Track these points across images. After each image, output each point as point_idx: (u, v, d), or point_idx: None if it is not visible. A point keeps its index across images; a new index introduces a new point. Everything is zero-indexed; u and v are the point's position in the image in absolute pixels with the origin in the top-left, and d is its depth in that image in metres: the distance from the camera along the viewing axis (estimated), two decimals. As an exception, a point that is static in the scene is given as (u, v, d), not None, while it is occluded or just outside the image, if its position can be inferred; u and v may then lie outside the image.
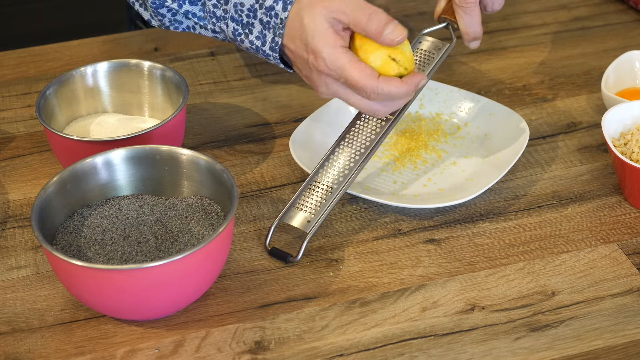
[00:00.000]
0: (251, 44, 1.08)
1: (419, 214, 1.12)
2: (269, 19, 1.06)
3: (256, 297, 1.03)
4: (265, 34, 1.07)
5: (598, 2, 1.49)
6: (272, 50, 1.07)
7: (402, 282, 1.04)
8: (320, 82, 1.05)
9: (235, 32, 1.08)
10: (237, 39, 1.09)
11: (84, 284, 0.96)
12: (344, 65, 1.02)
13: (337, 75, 1.03)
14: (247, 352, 0.97)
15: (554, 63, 1.36)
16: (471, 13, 1.12)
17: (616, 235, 1.09)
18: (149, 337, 0.99)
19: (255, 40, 1.08)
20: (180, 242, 1.02)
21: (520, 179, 1.17)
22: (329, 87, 1.05)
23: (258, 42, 1.08)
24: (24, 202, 1.15)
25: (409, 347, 0.98)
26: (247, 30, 1.07)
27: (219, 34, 1.11)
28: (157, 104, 1.22)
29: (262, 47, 1.07)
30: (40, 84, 1.34)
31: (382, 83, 1.02)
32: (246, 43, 1.09)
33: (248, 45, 1.09)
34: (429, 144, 1.21)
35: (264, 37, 1.07)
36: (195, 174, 1.07)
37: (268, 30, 1.06)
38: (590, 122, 1.25)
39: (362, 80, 1.02)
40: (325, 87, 1.05)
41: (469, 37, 1.14)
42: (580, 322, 1.00)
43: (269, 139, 1.24)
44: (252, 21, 1.07)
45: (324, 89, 1.05)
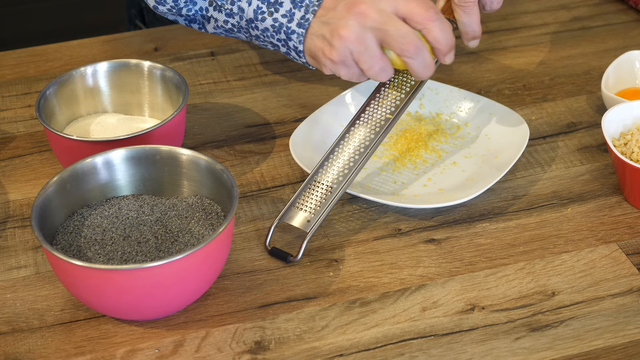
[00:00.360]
0: (275, 21, 1.08)
1: (419, 214, 1.12)
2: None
3: (256, 297, 1.03)
4: (294, 12, 1.07)
5: (598, 2, 1.49)
6: (299, 27, 1.07)
7: (402, 282, 1.04)
8: (356, 21, 1.04)
9: (258, 11, 1.08)
10: (256, 19, 1.09)
11: (84, 284, 0.96)
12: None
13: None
14: (247, 352, 0.97)
15: (554, 63, 1.36)
16: (470, 12, 1.12)
17: (616, 235, 1.09)
18: (149, 337, 0.99)
19: (281, 17, 1.08)
20: (180, 242, 1.02)
21: (520, 179, 1.17)
22: (365, 23, 1.04)
23: (284, 20, 1.07)
24: (24, 202, 1.15)
25: (409, 347, 0.98)
26: (273, 8, 1.08)
27: (232, 16, 1.11)
28: (157, 104, 1.22)
29: (288, 24, 1.07)
30: (40, 84, 1.34)
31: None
32: (267, 22, 1.08)
33: (269, 24, 1.08)
34: (429, 144, 1.21)
35: (292, 15, 1.07)
36: (195, 174, 1.07)
37: (298, 9, 1.07)
38: (590, 122, 1.25)
39: (425, 1, 1.03)
40: (359, 26, 1.04)
41: (468, 36, 1.14)
42: (580, 322, 1.00)
43: (269, 139, 1.24)
44: (282, 0, 1.07)
45: (356, 30, 1.04)
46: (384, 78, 1.08)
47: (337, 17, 1.05)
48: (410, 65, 1.07)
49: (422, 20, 1.05)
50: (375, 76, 1.08)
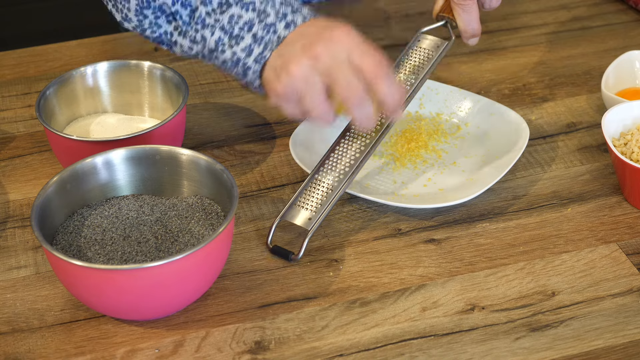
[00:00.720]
0: (233, 54, 1.08)
1: (419, 214, 1.12)
2: (265, 34, 1.06)
3: (256, 297, 1.03)
4: (253, 48, 1.07)
5: (598, 2, 1.49)
6: (255, 62, 1.07)
7: (402, 282, 1.04)
8: (308, 61, 1.03)
9: (219, 42, 1.08)
10: (216, 49, 1.09)
11: (84, 284, 0.96)
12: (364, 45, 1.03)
13: (352, 45, 1.02)
14: (247, 352, 0.97)
15: (554, 63, 1.36)
16: (469, 10, 1.12)
17: (616, 235, 1.09)
18: (149, 337, 0.99)
19: (240, 51, 1.07)
20: (180, 242, 1.02)
21: (520, 179, 1.17)
22: (316, 65, 1.03)
23: (242, 54, 1.07)
24: (24, 202, 1.15)
25: (409, 347, 0.98)
26: (234, 41, 1.07)
27: (196, 43, 1.10)
28: (157, 104, 1.22)
29: (246, 59, 1.07)
30: (40, 84, 1.34)
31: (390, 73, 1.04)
32: (227, 54, 1.08)
33: (228, 57, 1.08)
34: (429, 144, 1.21)
35: (251, 50, 1.07)
36: (195, 174, 1.07)
37: (258, 45, 1.07)
38: (590, 122, 1.25)
39: (378, 56, 1.02)
40: (309, 67, 1.03)
41: (468, 34, 1.14)
42: (580, 322, 1.00)
43: (269, 139, 1.24)
44: (244, 34, 1.07)
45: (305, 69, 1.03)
46: (324, 122, 1.06)
47: (291, 54, 1.04)
48: (352, 114, 1.05)
49: (370, 75, 1.03)
50: (316, 118, 1.05)
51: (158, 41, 1.15)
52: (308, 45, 1.04)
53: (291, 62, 1.04)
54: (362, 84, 1.03)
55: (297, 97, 1.04)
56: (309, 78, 1.03)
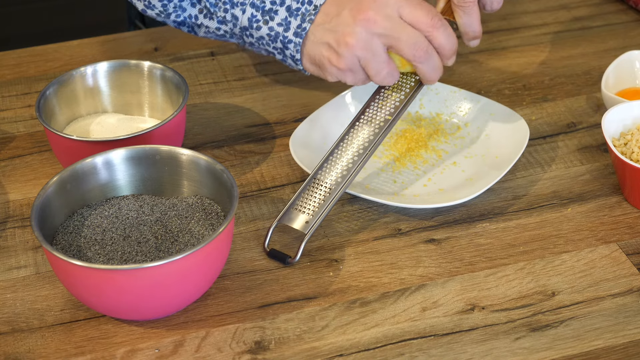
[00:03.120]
0: (270, 30, 1.07)
1: (419, 214, 1.12)
2: (300, 5, 1.06)
3: (256, 297, 1.03)
4: (290, 21, 1.06)
5: (598, 2, 1.49)
6: (296, 36, 1.06)
7: (402, 282, 1.04)
8: (363, 27, 1.04)
9: (252, 19, 1.07)
10: (251, 27, 1.08)
11: (84, 284, 0.96)
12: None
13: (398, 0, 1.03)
14: (247, 352, 0.97)
15: (554, 63, 1.36)
16: (470, 12, 1.12)
17: (616, 235, 1.09)
18: (149, 337, 0.99)
19: (277, 26, 1.07)
20: (180, 242, 1.02)
21: (520, 179, 1.17)
22: (373, 29, 1.04)
23: (280, 29, 1.07)
24: (24, 202, 1.15)
25: (409, 347, 0.98)
26: (268, 17, 1.07)
27: (225, 23, 1.10)
28: (157, 104, 1.22)
29: (285, 33, 1.07)
30: (40, 84, 1.34)
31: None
32: (262, 30, 1.07)
33: (264, 33, 1.07)
34: (429, 144, 1.21)
35: (288, 23, 1.06)
36: (195, 174, 1.07)
37: (294, 17, 1.06)
38: (590, 122, 1.25)
39: (426, 6, 1.04)
40: (366, 32, 1.04)
41: (469, 36, 1.14)
42: (580, 322, 1.00)
43: (269, 139, 1.24)
44: (277, 8, 1.07)
45: (363, 36, 1.04)
46: (391, 82, 1.09)
47: (342, 24, 1.05)
48: (420, 70, 1.08)
49: (427, 27, 1.06)
50: (382, 81, 1.08)
51: (180, 24, 1.15)
52: (357, 12, 1.04)
53: (346, 34, 1.04)
54: (423, 37, 1.05)
55: (360, 66, 1.06)
56: (369, 44, 1.04)
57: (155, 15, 1.15)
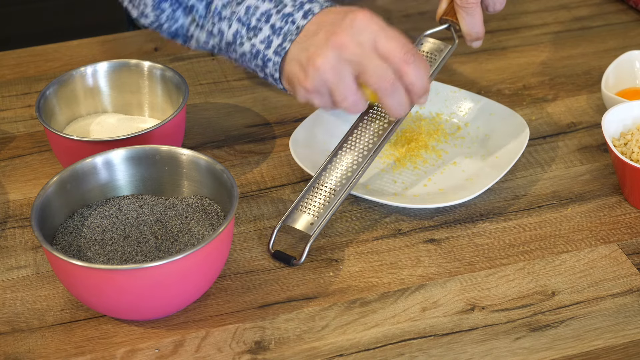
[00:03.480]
0: (252, 47, 1.07)
1: (419, 214, 1.12)
2: (284, 24, 1.05)
3: (256, 297, 1.03)
4: (272, 40, 1.05)
5: (598, 2, 1.49)
6: (275, 54, 1.06)
7: (402, 282, 1.04)
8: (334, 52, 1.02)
9: (237, 34, 1.07)
10: (234, 42, 1.08)
11: (84, 284, 0.96)
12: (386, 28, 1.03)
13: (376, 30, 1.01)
14: (247, 352, 0.97)
15: (554, 63, 1.36)
16: (473, 14, 1.12)
17: (616, 235, 1.09)
18: (149, 337, 0.99)
19: (259, 43, 1.06)
20: (180, 242, 1.02)
21: (520, 179, 1.17)
22: (343, 55, 1.02)
23: (261, 46, 1.06)
24: (24, 202, 1.15)
25: (409, 347, 0.98)
26: (252, 33, 1.06)
27: (213, 37, 1.10)
28: (157, 104, 1.22)
29: (265, 51, 1.06)
30: (40, 84, 1.34)
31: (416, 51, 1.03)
32: (245, 46, 1.07)
33: (247, 49, 1.07)
34: (429, 144, 1.21)
35: (270, 42, 1.06)
36: (195, 174, 1.07)
37: (277, 36, 1.05)
38: (590, 122, 1.25)
39: (402, 39, 1.02)
40: (336, 57, 1.02)
41: (471, 37, 1.14)
42: (580, 322, 1.00)
43: (269, 139, 1.24)
44: (262, 25, 1.06)
45: (332, 60, 1.02)
46: (357, 111, 1.05)
47: (315, 45, 1.02)
48: (385, 103, 1.04)
49: (398, 61, 1.02)
50: (347, 108, 1.04)
51: (174, 36, 1.14)
52: (331, 35, 1.02)
53: (317, 55, 1.02)
54: (392, 70, 1.02)
55: (327, 89, 1.03)
56: (337, 69, 1.02)
57: (148, 24, 1.15)
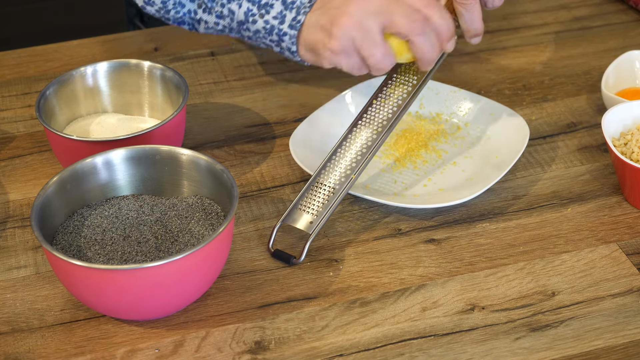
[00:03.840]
0: (266, 23, 1.07)
1: (419, 214, 1.12)
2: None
3: (256, 297, 1.03)
4: (285, 14, 1.06)
5: (598, 2, 1.49)
6: (291, 28, 1.06)
7: (402, 282, 1.04)
8: (357, 7, 1.02)
9: (248, 13, 1.07)
10: (247, 21, 1.07)
11: (84, 284, 0.96)
12: None
13: None
14: (247, 352, 0.97)
15: (554, 63, 1.36)
16: (471, 10, 1.12)
17: (616, 235, 1.09)
18: (149, 337, 0.99)
19: (272, 19, 1.06)
20: (180, 242, 1.02)
21: (520, 179, 1.17)
22: (367, 8, 1.02)
23: (275, 22, 1.06)
24: (24, 202, 1.15)
25: (409, 347, 0.98)
26: (264, 10, 1.06)
27: (223, 18, 1.09)
28: (157, 104, 1.22)
29: (280, 26, 1.06)
30: (40, 84, 1.34)
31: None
32: (258, 24, 1.07)
33: (260, 26, 1.07)
34: (429, 144, 1.21)
35: (284, 17, 1.06)
36: (195, 174, 1.07)
37: (289, 10, 1.05)
38: (590, 122, 1.25)
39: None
40: (360, 11, 1.02)
41: (470, 33, 1.14)
42: (580, 322, 1.00)
43: (269, 139, 1.24)
44: (273, 2, 1.06)
45: (357, 15, 1.02)
46: (386, 65, 1.06)
47: (336, 6, 1.03)
48: (417, 45, 1.05)
49: (421, 5, 1.04)
50: (376, 63, 1.06)
51: (180, 22, 1.14)
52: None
53: (339, 14, 1.02)
54: (420, 11, 1.03)
55: (354, 48, 1.04)
56: (363, 22, 1.02)
57: (154, 12, 1.15)
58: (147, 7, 1.16)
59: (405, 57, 1.09)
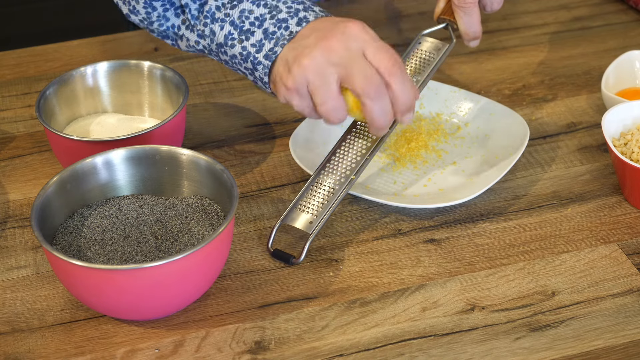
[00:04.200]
0: (243, 49, 1.06)
1: (419, 214, 1.12)
2: (277, 29, 1.05)
3: (256, 297, 1.03)
4: (264, 44, 1.05)
5: (598, 2, 1.49)
6: (265, 58, 1.05)
7: (402, 282, 1.04)
8: (322, 53, 1.01)
9: (228, 37, 1.07)
10: (225, 44, 1.07)
11: (84, 284, 0.96)
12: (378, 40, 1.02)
13: (367, 40, 1.01)
14: (247, 352, 0.97)
15: (554, 63, 1.36)
16: (470, 13, 1.12)
17: (616, 235, 1.09)
18: (149, 337, 0.99)
19: (250, 47, 1.06)
20: (180, 242, 1.02)
21: (520, 179, 1.17)
22: (330, 57, 1.01)
23: (252, 49, 1.06)
24: (24, 202, 1.15)
25: (409, 347, 0.98)
26: (244, 36, 1.06)
27: (204, 37, 1.09)
28: (157, 104, 1.22)
29: (256, 54, 1.06)
30: (40, 84, 1.34)
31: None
32: (236, 49, 1.07)
33: (237, 52, 1.07)
34: (429, 144, 1.21)
35: (262, 45, 1.05)
36: (195, 174, 1.07)
37: (269, 41, 1.05)
38: (590, 122, 1.25)
39: (392, 52, 1.01)
40: (323, 58, 1.01)
41: (469, 37, 1.14)
42: (580, 322, 1.00)
43: (269, 139, 1.24)
44: (255, 30, 1.06)
45: (318, 61, 1.01)
46: (334, 118, 1.03)
47: (304, 46, 1.02)
48: (368, 109, 1.02)
49: (385, 71, 1.01)
50: (326, 113, 1.03)
51: (163, 35, 1.14)
52: (322, 38, 1.01)
53: (304, 55, 1.01)
54: (379, 76, 1.01)
55: (308, 90, 1.02)
56: (322, 70, 1.01)
57: (138, 21, 1.14)
58: (131, 16, 1.15)
59: (358, 116, 1.04)
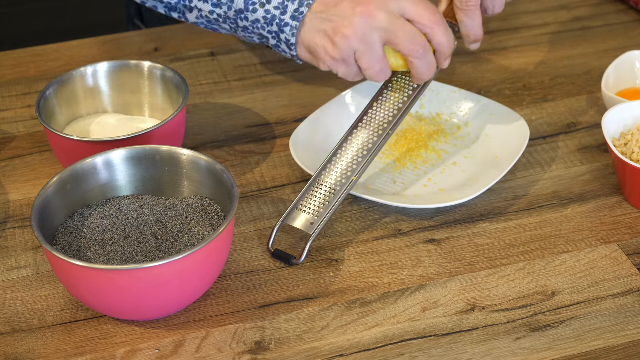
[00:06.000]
0: (267, 12, 1.07)
1: (419, 214, 1.12)
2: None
3: (256, 297, 1.03)
4: (287, 5, 1.06)
5: (598, 2, 1.49)
6: (292, 19, 1.06)
7: (402, 282, 1.04)
8: (362, 20, 1.04)
9: (248, 2, 1.07)
10: (246, 9, 1.07)
11: (84, 284, 0.96)
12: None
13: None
14: (247, 352, 0.97)
15: (554, 63, 1.36)
16: (472, 15, 1.12)
17: (616, 235, 1.09)
18: (149, 337, 0.99)
19: (273, 9, 1.07)
20: (180, 242, 1.02)
21: (520, 179, 1.17)
22: (372, 23, 1.04)
23: (276, 12, 1.07)
24: (24, 202, 1.15)
25: (409, 347, 0.98)
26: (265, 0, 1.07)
27: (220, 5, 1.09)
28: (157, 104, 1.22)
29: (281, 16, 1.07)
30: (40, 84, 1.34)
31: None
32: (258, 13, 1.07)
33: (260, 15, 1.07)
34: (429, 144, 1.21)
35: (285, 7, 1.06)
36: (195, 174, 1.07)
37: (291, 1, 1.06)
38: (590, 122, 1.25)
39: (429, 3, 1.05)
40: (365, 25, 1.04)
41: (470, 39, 1.14)
42: (580, 322, 1.00)
43: (269, 139, 1.24)
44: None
45: (361, 29, 1.04)
46: (381, 79, 1.09)
47: (341, 15, 1.05)
48: (414, 66, 1.08)
49: (428, 23, 1.06)
50: (372, 76, 1.08)
51: (170, 8, 1.13)
52: (356, 4, 1.05)
53: (344, 25, 1.04)
54: (422, 34, 1.06)
55: (354, 57, 1.06)
56: (366, 37, 1.05)
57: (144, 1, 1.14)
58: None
59: (402, 69, 1.10)
